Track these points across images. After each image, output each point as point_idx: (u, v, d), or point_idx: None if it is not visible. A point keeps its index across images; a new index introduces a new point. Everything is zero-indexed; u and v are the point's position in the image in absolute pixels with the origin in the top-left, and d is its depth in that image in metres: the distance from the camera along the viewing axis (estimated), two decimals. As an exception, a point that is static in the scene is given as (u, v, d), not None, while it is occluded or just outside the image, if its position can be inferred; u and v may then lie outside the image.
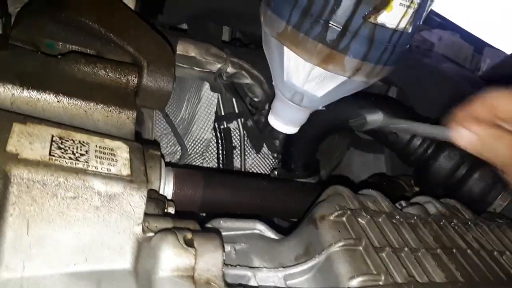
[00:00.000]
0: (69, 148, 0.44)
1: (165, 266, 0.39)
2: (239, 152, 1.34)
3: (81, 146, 0.45)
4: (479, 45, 1.78)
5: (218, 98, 1.28)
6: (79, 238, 0.42)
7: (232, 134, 1.34)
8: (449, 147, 0.86)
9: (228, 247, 0.55)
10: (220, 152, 1.33)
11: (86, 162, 0.43)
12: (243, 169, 1.34)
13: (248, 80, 1.04)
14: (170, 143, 1.33)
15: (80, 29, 0.63)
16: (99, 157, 0.45)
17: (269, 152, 1.36)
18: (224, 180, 0.83)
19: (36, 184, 0.39)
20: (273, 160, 1.36)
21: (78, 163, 0.43)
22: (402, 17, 0.68)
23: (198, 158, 1.36)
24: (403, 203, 0.65)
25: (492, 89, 0.52)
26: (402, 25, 0.69)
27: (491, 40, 1.87)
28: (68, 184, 0.40)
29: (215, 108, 1.30)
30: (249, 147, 1.35)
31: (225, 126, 1.32)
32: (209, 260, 0.40)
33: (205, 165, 1.36)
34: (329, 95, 0.82)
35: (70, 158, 0.42)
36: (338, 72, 0.74)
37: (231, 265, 0.49)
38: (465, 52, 1.74)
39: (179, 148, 1.29)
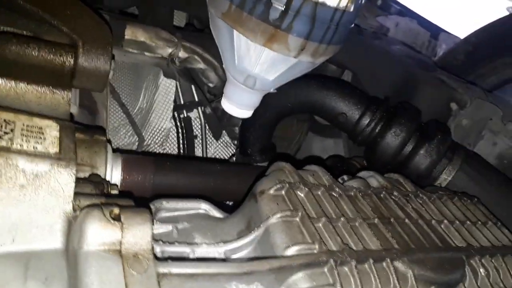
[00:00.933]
0: (-9, 126, 0.42)
1: (91, 240, 0.38)
2: (200, 141, 1.34)
3: (6, 125, 0.44)
4: (435, 31, 1.83)
5: (176, 86, 1.27)
6: (5, 218, 0.41)
7: (193, 123, 1.33)
8: (395, 125, 0.89)
9: (169, 227, 0.55)
10: (181, 141, 1.33)
11: (10, 140, 0.42)
12: (203, 157, 1.33)
13: (201, 65, 1.04)
14: (128, 134, 1.31)
15: (13, 9, 0.61)
16: (25, 135, 0.44)
17: (231, 140, 1.37)
18: (176, 165, 0.83)
19: (-48, 162, 0.38)
20: (235, 148, 1.37)
21: (1, 141, 0.42)
22: (343, -5, 0.70)
23: (158, 148, 1.35)
24: (345, 177, 0.66)
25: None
26: (343, 3, 0.70)
27: (446, 25, 1.92)
28: (-11, 162, 0.40)
29: (173, 96, 1.29)
30: (210, 135, 1.34)
31: (185, 115, 1.31)
32: (137, 233, 0.40)
33: (165, 154, 1.35)
34: (280, 77, 0.83)
35: (-8, 136, 0.41)
36: (283, 52, 0.74)
37: (169, 242, 0.49)
38: (422, 38, 1.78)
39: (137, 138, 1.28)
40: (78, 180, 0.46)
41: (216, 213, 0.61)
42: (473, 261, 0.60)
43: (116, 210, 0.40)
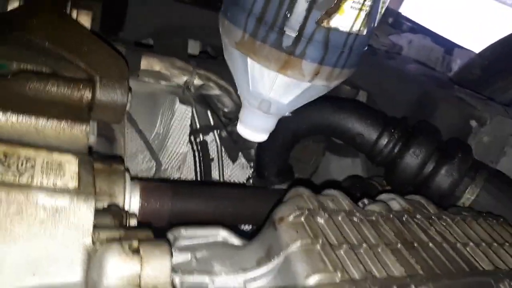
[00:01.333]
0: (13, 164, 0.43)
1: (111, 274, 0.38)
2: (217, 164, 1.34)
3: (26, 162, 0.45)
4: (449, 47, 1.82)
5: (192, 111, 1.29)
6: (26, 253, 0.41)
7: (209, 146, 1.34)
8: (414, 145, 0.87)
9: (188, 255, 0.54)
10: (198, 165, 1.33)
11: (31, 177, 0.43)
12: (221, 181, 1.34)
13: (216, 91, 1.05)
14: (146, 159, 1.33)
15: (33, 48, 0.63)
16: (45, 172, 0.45)
17: (247, 162, 1.37)
18: (193, 191, 0.83)
19: (-25, 201, 0.38)
20: (251, 169, 1.37)
21: (22, 178, 0.42)
22: (355, 20, 0.70)
23: (175, 172, 1.36)
24: (366, 201, 0.65)
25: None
26: (356, 27, 0.71)
27: (460, 40, 1.91)
28: (10, 199, 0.40)
29: (189, 121, 1.30)
30: (227, 158, 1.35)
31: (202, 139, 1.32)
32: (156, 266, 0.40)
33: (183, 179, 1.36)
34: (295, 101, 0.83)
35: (14, 174, 0.42)
36: (297, 77, 0.74)
37: (188, 272, 0.49)
38: (435, 54, 1.77)
39: (155, 164, 1.29)
40: (97, 212, 0.46)
41: (234, 240, 0.60)
42: (502, 285, 0.58)
43: (135, 244, 0.40)
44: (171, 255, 0.41)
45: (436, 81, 1.15)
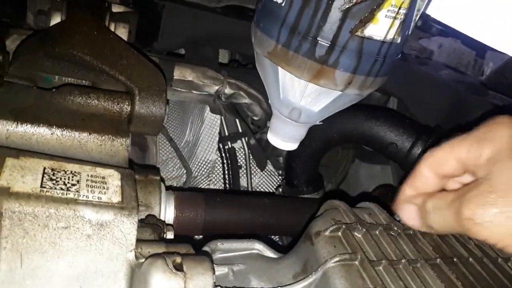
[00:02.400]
0: (60, 179, 0.45)
1: (155, 291, 0.39)
2: (245, 171, 1.35)
3: (72, 176, 0.46)
4: (481, 50, 1.77)
5: (221, 119, 1.30)
6: (73, 267, 0.42)
7: (237, 154, 1.35)
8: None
9: (225, 269, 0.55)
10: (226, 172, 1.34)
11: (77, 191, 0.44)
12: (249, 188, 1.34)
13: (246, 100, 1.06)
14: (176, 167, 1.35)
15: (74, 62, 0.65)
16: (90, 186, 0.46)
17: (275, 170, 1.37)
18: (225, 201, 0.84)
19: (27, 216, 0.40)
20: (279, 177, 1.36)
21: (69, 193, 0.44)
22: (389, 28, 0.69)
23: (204, 180, 1.38)
24: (402, 214, 0.64)
25: (434, 149, 0.51)
26: (390, 36, 0.70)
27: (493, 43, 1.85)
28: (59, 214, 0.41)
29: (218, 129, 1.31)
30: (254, 165, 1.35)
31: (230, 146, 1.33)
32: (199, 283, 0.40)
33: (211, 186, 1.37)
34: (326, 110, 0.83)
35: (61, 188, 0.44)
36: (330, 87, 0.74)
37: (227, 287, 0.49)
38: (467, 58, 1.73)
39: (185, 171, 1.31)
40: (137, 225, 0.47)
41: (269, 253, 0.60)
42: (548, 302, 0.56)
43: (179, 259, 0.41)
44: (213, 271, 0.41)
45: (469, 87, 1.12)
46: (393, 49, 0.72)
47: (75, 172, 0.47)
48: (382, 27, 0.68)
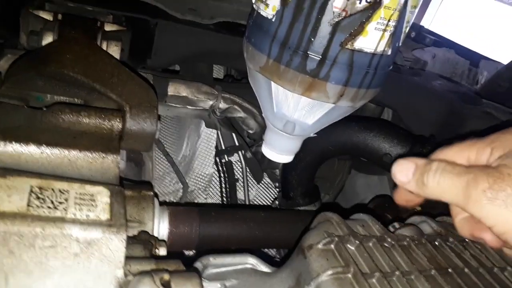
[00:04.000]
0: (48, 197, 0.45)
1: (143, 309, 0.39)
2: (242, 184, 1.35)
3: (60, 195, 0.46)
4: (475, 59, 1.78)
5: (217, 133, 1.30)
6: (60, 287, 0.42)
7: (234, 167, 1.35)
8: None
9: (218, 284, 0.54)
10: (223, 185, 1.34)
11: (65, 209, 0.44)
12: (247, 201, 1.34)
13: (241, 114, 1.06)
14: (173, 182, 1.35)
15: (65, 80, 0.66)
16: (78, 204, 0.46)
17: (272, 182, 1.37)
18: (220, 215, 0.83)
19: (12, 236, 0.40)
20: (276, 189, 1.36)
21: (56, 212, 0.43)
22: (379, 40, 0.70)
23: (201, 194, 1.37)
24: (396, 225, 0.63)
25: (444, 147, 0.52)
26: (381, 48, 0.71)
27: (486, 51, 1.87)
28: (46, 233, 0.41)
29: (215, 143, 1.32)
30: (251, 178, 1.35)
31: (226, 159, 1.33)
32: (188, 300, 0.40)
33: (209, 200, 1.37)
34: (319, 122, 0.83)
35: (49, 207, 0.43)
36: (322, 99, 0.75)
37: (219, 303, 0.49)
38: (461, 67, 1.74)
39: (182, 186, 1.30)
40: (128, 242, 0.47)
41: (263, 267, 0.60)
42: (545, 314, 0.55)
43: (166, 277, 0.40)
44: (202, 287, 0.41)
45: (463, 97, 1.12)
46: (384, 60, 0.73)
47: (63, 190, 0.47)
48: (372, 40, 0.69)
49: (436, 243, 0.61)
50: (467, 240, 0.64)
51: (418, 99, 1.10)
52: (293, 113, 0.82)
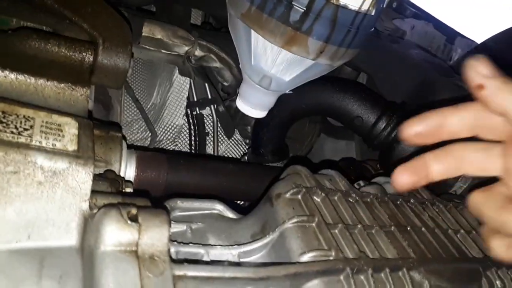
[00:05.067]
0: (11, 122, 0.42)
1: (107, 241, 0.38)
2: (212, 138, 1.34)
3: (25, 121, 0.44)
4: (451, 35, 1.80)
5: (190, 84, 1.27)
6: (22, 214, 0.41)
7: (205, 120, 1.33)
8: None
9: (183, 226, 0.55)
10: (193, 138, 1.32)
11: (30, 136, 0.42)
12: (215, 155, 1.33)
13: (217, 64, 1.03)
14: (141, 129, 1.31)
15: (35, 5, 0.61)
16: (44, 132, 0.44)
17: (242, 139, 1.36)
18: (189, 163, 0.83)
19: (-28, 157, 0.38)
20: (246, 146, 1.36)
21: (20, 138, 0.41)
22: (365, -2, 0.69)
23: (170, 144, 1.35)
24: (362, 182, 0.65)
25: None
26: (365, 7, 0.70)
27: (462, 29, 1.89)
28: (8, 158, 0.39)
29: (187, 93, 1.29)
30: (222, 133, 1.34)
31: (198, 112, 1.31)
32: (154, 235, 0.39)
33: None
34: (296, 79, 0.82)
35: (12, 132, 0.41)
36: (302, 54, 0.74)
37: (183, 243, 0.49)
38: (437, 42, 1.76)
39: (150, 134, 1.28)
40: (94, 177, 0.46)
41: (230, 214, 0.60)
42: (489, 273, 0.59)
43: (134, 211, 0.40)
44: (170, 224, 0.40)
45: (437, 68, 1.14)
46: (367, 20, 0.72)
47: (28, 117, 0.44)
48: (357, -3, 0.68)
49: (398, 202, 0.63)
50: (426, 203, 0.67)
51: (394, 65, 1.11)
52: (271, 67, 0.80)
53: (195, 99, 1.29)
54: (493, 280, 0.58)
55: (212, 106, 1.29)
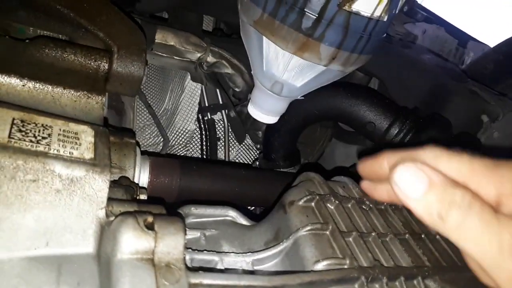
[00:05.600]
0: (30, 131, 0.43)
1: (124, 249, 0.38)
2: (223, 143, 1.34)
3: (43, 130, 0.44)
4: (463, 39, 1.79)
5: (201, 89, 1.28)
6: (40, 222, 0.41)
7: (216, 126, 1.34)
8: (425, 136, 0.87)
9: (197, 233, 0.55)
10: (204, 143, 1.33)
11: (48, 145, 0.43)
12: (227, 161, 1.34)
13: (228, 70, 1.04)
14: (153, 134, 1.33)
15: (51, 14, 0.62)
16: (62, 141, 0.44)
17: (253, 144, 1.37)
18: (201, 169, 0.83)
19: (-7, 166, 0.38)
20: (257, 151, 1.36)
21: (39, 146, 0.42)
22: (377, 5, 0.69)
23: (181, 149, 1.36)
24: (375, 190, 0.65)
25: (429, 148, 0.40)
26: (377, 13, 0.70)
27: (475, 33, 1.88)
28: (28, 166, 0.40)
29: (198, 99, 1.30)
30: (233, 138, 1.35)
31: (209, 117, 1.32)
32: (170, 243, 0.40)
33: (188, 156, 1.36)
34: (308, 85, 0.82)
35: (31, 141, 0.42)
36: (314, 61, 0.74)
37: (198, 250, 0.49)
38: (449, 46, 1.75)
39: (162, 139, 1.29)
40: (110, 185, 0.46)
41: (243, 220, 0.61)
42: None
43: (150, 219, 0.40)
44: (185, 232, 0.41)
45: (449, 73, 1.13)
46: (379, 27, 0.72)
47: (46, 125, 0.45)
48: (370, 3, 0.68)
49: (412, 209, 0.63)
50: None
51: (406, 71, 1.11)
52: (282, 74, 0.81)
53: (207, 105, 1.30)
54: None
55: (223, 112, 1.30)
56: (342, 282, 0.45)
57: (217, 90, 1.25)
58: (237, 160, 1.38)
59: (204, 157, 1.31)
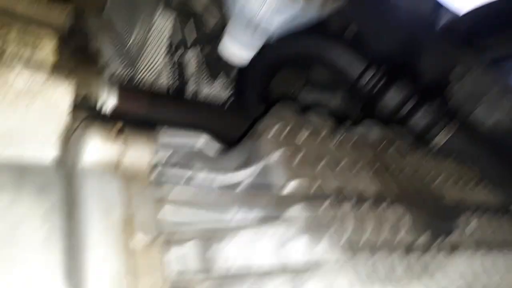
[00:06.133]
0: (-13, 25, 0.39)
1: (89, 156, 0.37)
2: (195, 81, 1.31)
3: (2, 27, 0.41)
4: (437, 3, 1.78)
5: (174, 22, 1.22)
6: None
7: (189, 62, 1.29)
8: (397, 83, 0.88)
9: (170, 151, 0.53)
10: (174, 80, 1.29)
11: (5, 44, 0.39)
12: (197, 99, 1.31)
13: (203, 2, 0.99)
14: (122, 65, 1.27)
15: None
16: (23, 41, 0.41)
17: (226, 83, 1.34)
18: (170, 100, 0.81)
19: None
20: (229, 91, 1.34)
21: (-3, 42, 0.39)
22: None
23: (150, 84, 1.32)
24: (348, 124, 0.65)
25: None
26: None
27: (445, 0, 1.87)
28: (-16, 61, 0.37)
29: (169, 33, 1.24)
30: (205, 76, 1.31)
31: (182, 52, 1.27)
32: (137, 153, 0.38)
33: (157, 93, 1.32)
34: (284, 24, 0.81)
35: (-12, 35, 0.38)
36: (291, -2, 0.71)
37: (171, 165, 0.48)
38: (425, 6, 1.74)
39: (131, 71, 1.24)
40: (75, 97, 0.44)
41: (215, 146, 0.60)
42: (463, 216, 0.61)
43: (119, 125, 0.38)
44: (154, 143, 0.39)
45: (426, 28, 1.13)
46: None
47: (4, 23, 0.41)
48: None
49: (382, 145, 0.64)
50: (409, 147, 0.68)
51: (382, 21, 1.09)
52: (259, 11, 0.79)
53: (179, 39, 1.24)
54: (469, 220, 0.60)
55: (195, 48, 1.25)
56: (310, 199, 0.45)
57: (191, 25, 1.20)
58: (209, 100, 1.35)
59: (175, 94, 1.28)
